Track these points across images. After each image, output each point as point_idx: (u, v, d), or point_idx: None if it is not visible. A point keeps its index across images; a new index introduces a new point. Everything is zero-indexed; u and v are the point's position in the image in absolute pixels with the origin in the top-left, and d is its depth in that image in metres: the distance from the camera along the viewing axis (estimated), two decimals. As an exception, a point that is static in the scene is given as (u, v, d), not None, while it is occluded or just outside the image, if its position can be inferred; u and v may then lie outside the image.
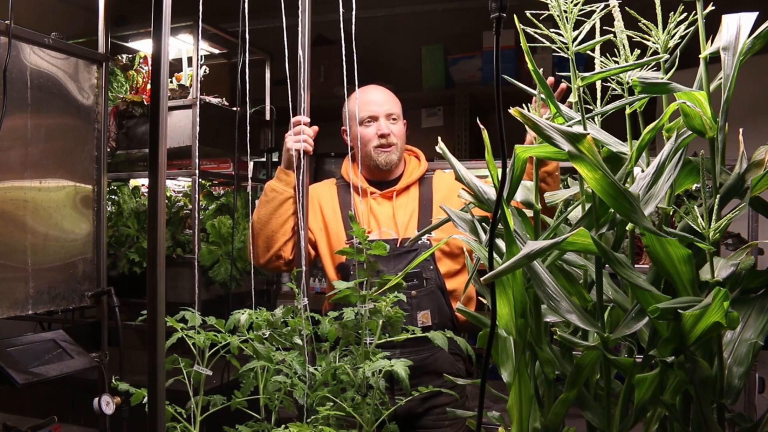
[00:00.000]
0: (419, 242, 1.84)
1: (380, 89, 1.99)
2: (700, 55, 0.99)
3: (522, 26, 1.02)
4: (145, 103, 2.63)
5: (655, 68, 1.11)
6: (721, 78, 0.97)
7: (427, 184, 1.97)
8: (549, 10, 1.03)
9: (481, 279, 0.93)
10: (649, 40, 1.08)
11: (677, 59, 1.08)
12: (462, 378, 1.57)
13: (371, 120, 1.94)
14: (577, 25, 1.03)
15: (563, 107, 1.11)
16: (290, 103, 1.49)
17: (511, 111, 0.96)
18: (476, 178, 1.16)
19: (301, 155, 1.70)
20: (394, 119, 1.95)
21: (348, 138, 1.95)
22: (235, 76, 2.87)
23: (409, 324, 1.51)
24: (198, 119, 2.51)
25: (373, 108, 1.94)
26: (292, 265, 1.84)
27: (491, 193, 1.13)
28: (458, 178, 1.16)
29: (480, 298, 1.75)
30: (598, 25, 1.06)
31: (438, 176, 1.99)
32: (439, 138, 1.80)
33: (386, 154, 1.93)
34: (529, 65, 1.02)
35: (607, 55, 1.10)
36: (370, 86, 1.99)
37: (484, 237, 1.11)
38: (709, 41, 0.99)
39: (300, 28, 1.62)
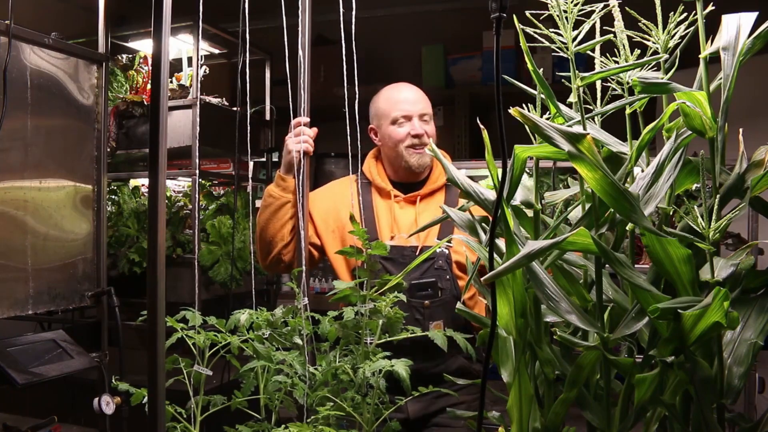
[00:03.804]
0: (437, 251, 1.77)
1: (413, 88, 1.92)
2: (700, 55, 0.99)
3: (522, 26, 1.02)
4: (145, 103, 2.63)
5: (655, 68, 1.11)
6: (721, 78, 0.97)
7: (454, 190, 1.89)
8: (549, 10, 1.03)
9: (482, 279, 0.93)
10: (649, 40, 1.08)
11: (677, 59, 1.08)
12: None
13: (404, 120, 1.85)
14: (577, 25, 1.03)
15: (563, 107, 1.11)
16: (290, 103, 1.49)
17: (511, 111, 0.96)
18: (469, 179, 1.15)
19: (301, 156, 1.70)
20: (426, 120, 1.87)
21: (377, 137, 1.90)
22: (235, 76, 2.86)
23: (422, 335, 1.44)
24: (198, 119, 2.50)
25: (407, 107, 1.86)
26: (293, 267, 1.82)
27: (487, 194, 1.12)
28: (450, 180, 1.15)
29: (480, 298, 1.75)
30: (598, 25, 1.06)
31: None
32: (431, 139, 1.80)
33: (419, 156, 1.85)
34: (529, 65, 1.01)
35: (607, 55, 1.10)
36: (402, 84, 1.93)
37: (484, 237, 1.11)
38: (709, 41, 0.99)
39: (300, 28, 1.62)
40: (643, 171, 1.06)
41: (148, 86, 2.67)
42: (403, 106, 1.87)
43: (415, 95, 1.89)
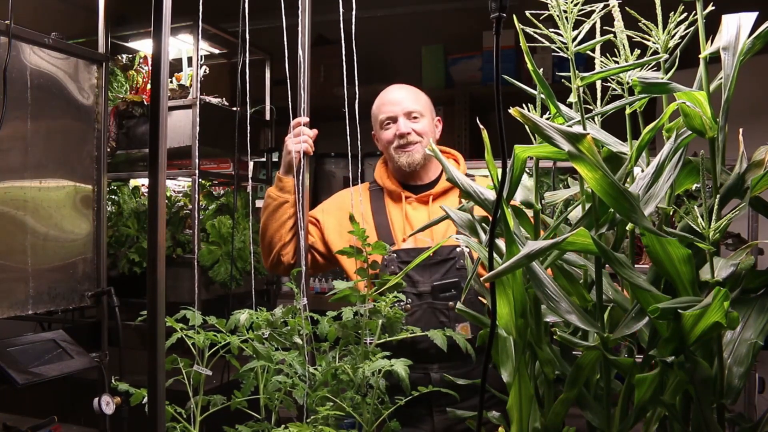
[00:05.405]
0: (457, 249, 1.74)
1: (401, 88, 1.90)
2: (700, 55, 0.99)
3: (522, 26, 1.02)
4: (145, 103, 2.63)
5: (655, 68, 1.11)
6: (721, 78, 0.97)
7: None
8: (549, 10, 1.03)
9: (481, 279, 0.93)
10: (649, 40, 1.08)
11: (677, 59, 1.08)
12: None
13: (390, 122, 1.85)
14: (577, 25, 1.03)
15: (563, 107, 1.11)
16: (290, 103, 1.49)
17: (511, 111, 0.96)
18: (469, 179, 1.15)
19: (302, 157, 1.70)
20: (416, 117, 1.84)
21: (378, 143, 1.89)
22: (235, 76, 2.87)
23: (449, 337, 1.39)
24: (198, 119, 2.50)
25: (391, 108, 1.84)
26: (293, 268, 1.80)
27: (487, 194, 1.12)
28: (450, 179, 1.15)
29: (480, 298, 1.75)
30: (598, 25, 1.06)
31: (480, 182, 1.85)
32: (431, 139, 1.79)
33: (407, 154, 1.82)
34: (529, 65, 1.01)
35: (607, 55, 1.10)
36: (393, 86, 1.91)
37: (484, 237, 1.11)
38: (709, 41, 0.99)
39: (300, 28, 1.62)
40: (643, 171, 1.06)
41: (148, 86, 2.67)
42: (387, 108, 1.85)
43: (400, 95, 1.87)
